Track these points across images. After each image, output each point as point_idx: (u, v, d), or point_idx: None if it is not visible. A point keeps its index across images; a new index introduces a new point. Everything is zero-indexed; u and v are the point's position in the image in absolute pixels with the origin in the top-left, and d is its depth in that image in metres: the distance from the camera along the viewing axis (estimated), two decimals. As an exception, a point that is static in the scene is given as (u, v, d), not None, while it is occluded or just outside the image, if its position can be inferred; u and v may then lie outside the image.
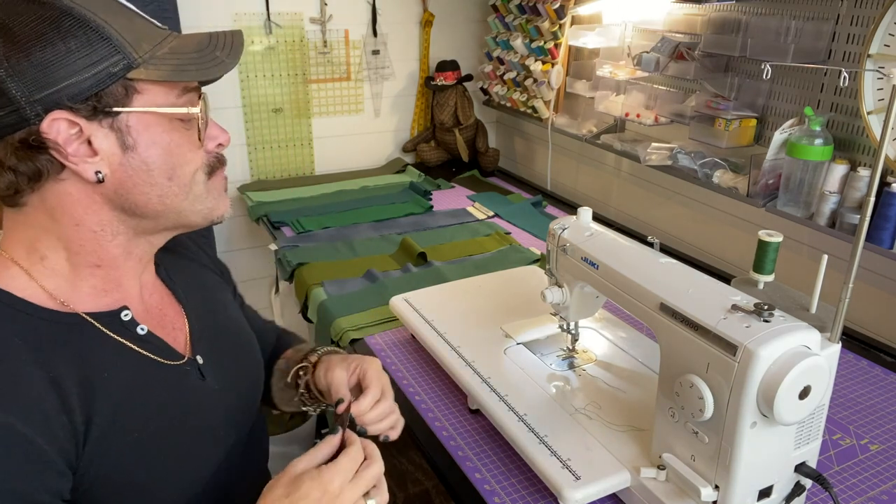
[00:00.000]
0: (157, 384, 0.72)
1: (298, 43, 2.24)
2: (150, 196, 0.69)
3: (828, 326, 0.82)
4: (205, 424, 0.76)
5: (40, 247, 0.68)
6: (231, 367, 0.84)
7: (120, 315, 0.71)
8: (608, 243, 1.02)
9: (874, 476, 0.98)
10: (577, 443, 0.94)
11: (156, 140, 0.67)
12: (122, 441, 0.67)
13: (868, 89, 1.29)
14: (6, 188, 0.64)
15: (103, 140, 0.65)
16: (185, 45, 0.69)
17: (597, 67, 1.91)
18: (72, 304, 0.68)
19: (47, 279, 0.68)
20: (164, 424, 0.71)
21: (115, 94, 0.64)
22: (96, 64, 0.62)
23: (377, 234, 1.85)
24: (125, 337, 0.71)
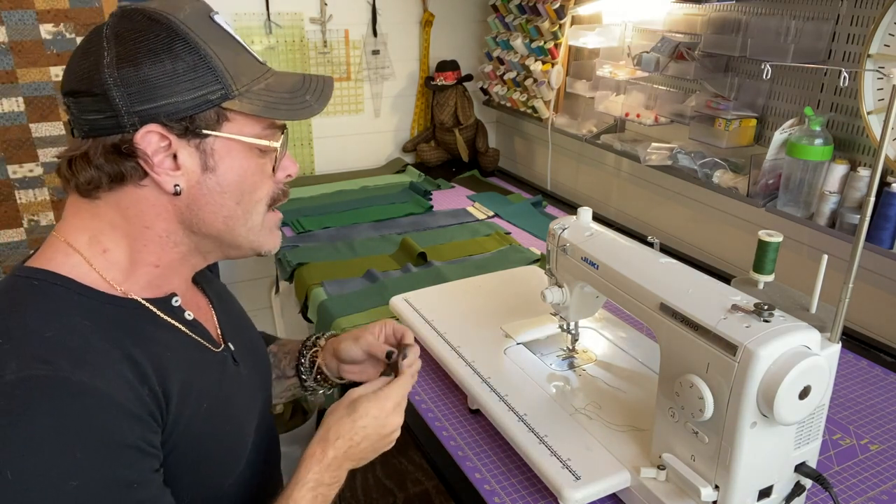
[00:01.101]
0: (207, 365, 0.77)
1: (298, 43, 2.24)
2: (217, 215, 0.73)
3: (828, 326, 0.82)
4: (242, 404, 0.82)
5: (104, 239, 0.71)
6: (251, 355, 0.89)
7: (171, 301, 0.76)
8: (608, 243, 1.02)
9: (874, 476, 0.98)
10: (577, 443, 0.94)
11: (234, 166, 0.72)
12: (192, 416, 0.71)
13: (868, 89, 1.29)
14: (86, 182, 0.68)
15: (188, 158, 0.69)
16: (280, 83, 0.74)
17: (597, 67, 1.91)
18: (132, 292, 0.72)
19: (107, 270, 0.71)
20: (217, 402, 0.76)
21: (208, 119, 0.69)
22: (198, 89, 0.67)
23: (377, 234, 1.85)
24: (178, 321, 0.76)
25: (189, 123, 0.68)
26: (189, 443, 0.70)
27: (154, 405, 0.66)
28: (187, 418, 0.70)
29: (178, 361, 0.72)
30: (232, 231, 0.75)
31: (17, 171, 1.98)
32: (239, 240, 0.77)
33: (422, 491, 2.32)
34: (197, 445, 0.72)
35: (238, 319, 0.92)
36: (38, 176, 2.01)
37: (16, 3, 1.84)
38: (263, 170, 0.75)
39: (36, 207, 2.04)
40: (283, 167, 0.78)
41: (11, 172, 1.98)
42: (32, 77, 1.91)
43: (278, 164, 0.77)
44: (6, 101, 1.91)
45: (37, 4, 1.86)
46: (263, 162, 0.75)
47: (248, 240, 0.77)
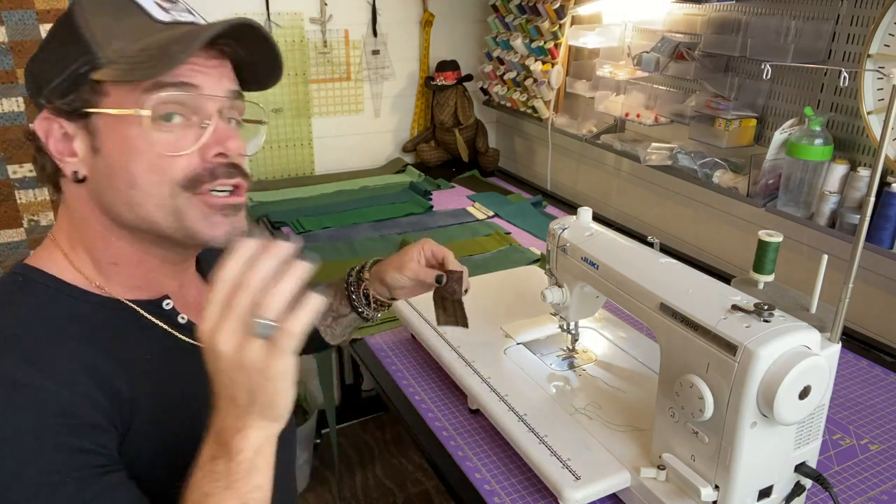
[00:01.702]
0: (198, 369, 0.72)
1: (298, 43, 2.24)
2: (116, 203, 0.67)
3: (828, 326, 0.82)
4: None
5: (73, 236, 0.70)
6: None
7: (161, 304, 0.73)
8: (608, 243, 1.02)
9: (874, 476, 0.98)
10: (577, 443, 0.94)
11: (119, 143, 0.64)
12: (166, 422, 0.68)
13: (868, 89, 1.29)
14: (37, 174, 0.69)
15: (80, 141, 0.66)
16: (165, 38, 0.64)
17: (597, 67, 1.91)
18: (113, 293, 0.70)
19: (84, 266, 0.69)
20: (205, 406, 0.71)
21: (85, 96, 0.64)
22: (70, 65, 0.63)
23: (377, 234, 1.85)
24: (167, 324, 0.72)
25: (69, 103, 0.64)
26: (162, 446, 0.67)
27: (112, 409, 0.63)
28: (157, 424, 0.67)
29: (156, 365, 0.69)
30: (145, 219, 0.67)
31: (17, 171, 1.98)
32: (162, 227, 0.67)
33: (422, 491, 2.32)
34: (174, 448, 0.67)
35: None
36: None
37: (16, 3, 1.84)
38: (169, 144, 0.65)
39: (36, 207, 2.04)
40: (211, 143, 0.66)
41: (11, 172, 1.98)
42: (32, 77, 1.92)
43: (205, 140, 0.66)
44: (6, 101, 1.91)
45: (37, 4, 1.86)
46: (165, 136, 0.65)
47: (175, 227, 0.67)
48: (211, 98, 0.66)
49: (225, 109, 0.69)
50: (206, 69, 0.66)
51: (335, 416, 2.32)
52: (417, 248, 1.00)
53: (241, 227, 0.71)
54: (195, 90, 0.65)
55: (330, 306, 1.06)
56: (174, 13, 0.67)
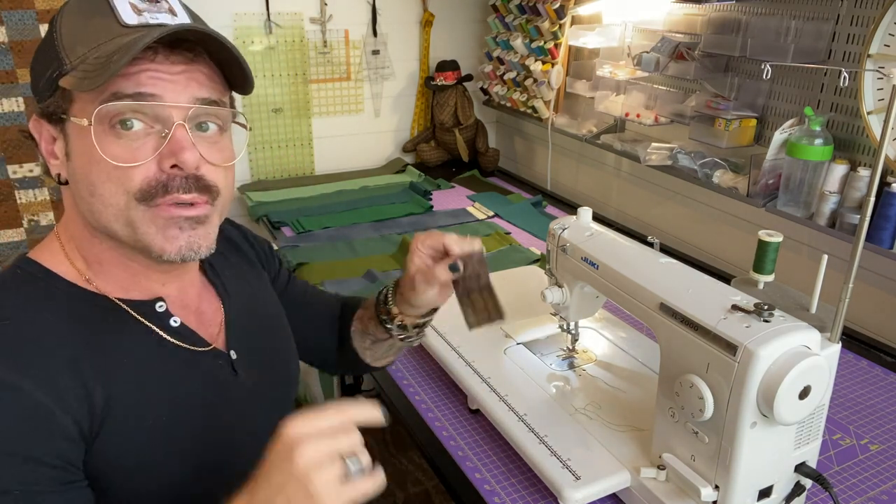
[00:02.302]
0: (185, 375, 0.72)
1: (298, 43, 2.24)
2: (84, 209, 0.66)
3: (828, 326, 0.82)
4: (235, 419, 0.76)
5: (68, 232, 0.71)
6: (267, 366, 0.84)
7: (154, 306, 0.72)
8: (608, 243, 1.02)
9: (874, 476, 0.98)
10: (577, 443, 0.94)
11: (81, 151, 0.64)
12: (145, 423, 0.67)
13: (868, 89, 1.29)
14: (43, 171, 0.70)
15: (59, 145, 0.67)
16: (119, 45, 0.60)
17: (597, 67, 1.91)
18: (104, 290, 0.70)
19: (78, 262, 0.70)
20: (189, 415, 0.71)
21: (58, 102, 0.64)
22: (46, 69, 0.64)
23: (377, 234, 1.85)
24: (157, 326, 0.71)
25: (47, 107, 0.65)
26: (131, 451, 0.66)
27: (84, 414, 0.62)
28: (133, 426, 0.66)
29: (143, 368, 0.68)
30: (106, 228, 0.66)
31: (17, 171, 1.98)
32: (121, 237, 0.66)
33: (422, 491, 2.32)
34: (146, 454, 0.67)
35: (261, 326, 0.86)
36: (38, 176, 2.01)
37: (16, 3, 1.84)
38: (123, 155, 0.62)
39: (36, 207, 2.04)
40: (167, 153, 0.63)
41: (11, 172, 1.98)
42: (32, 77, 1.92)
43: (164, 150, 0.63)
44: (6, 101, 1.91)
45: (37, 4, 1.86)
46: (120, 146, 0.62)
47: (131, 238, 0.66)
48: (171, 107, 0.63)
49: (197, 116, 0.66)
50: (170, 75, 0.63)
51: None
52: (414, 251, 0.89)
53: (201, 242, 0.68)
54: (152, 99, 0.62)
55: (365, 328, 0.98)
56: (147, 15, 0.63)
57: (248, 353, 0.81)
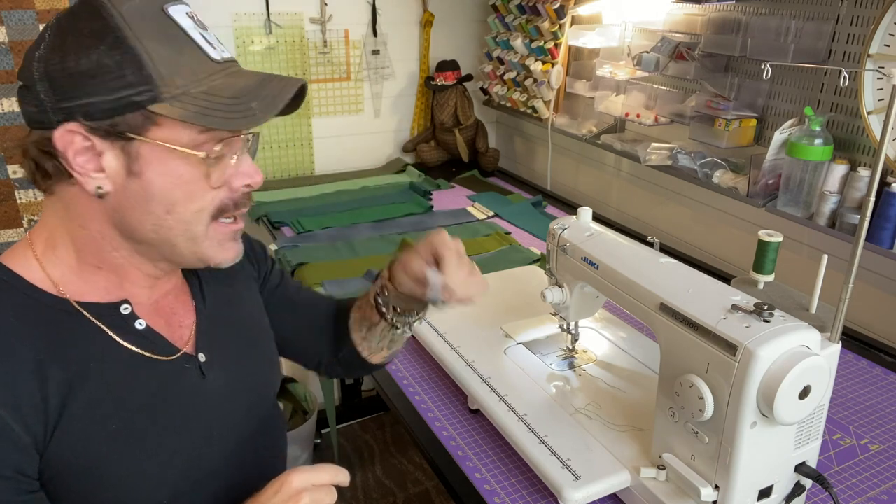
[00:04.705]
0: (146, 379, 0.72)
1: (298, 43, 2.24)
2: (143, 223, 0.68)
3: (828, 326, 0.82)
4: (200, 423, 0.76)
5: (56, 236, 0.70)
6: (238, 366, 0.83)
7: (119, 308, 0.72)
8: (608, 243, 1.02)
9: (874, 476, 0.98)
10: (577, 443, 0.94)
11: (163, 173, 0.66)
12: (99, 431, 0.67)
13: (868, 89, 1.29)
14: (29, 174, 0.67)
15: (112, 160, 0.65)
16: (228, 85, 0.67)
17: (597, 67, 1.91)
18: (74, 294, 0.70)
19: (55, 268, 0.69)
20: (150, 419, 0.71)
21: (132, 122, 0.64)
22: (123, 89, 0.62)
23: (377, 234, 1.85)
24: (119, 329, 0.71)
25: (111, 125, 0.63)
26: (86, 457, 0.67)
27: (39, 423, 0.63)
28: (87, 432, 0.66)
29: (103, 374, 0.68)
30: (166, 240, 0.69)
31: (17, 171, 1.98)
32: (178, 249, 0.70)
33: (422, 491, 2.32)
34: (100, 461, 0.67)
35: (236, 328, 0.86)
36: (38, 176, 2.01)
37: (16, 3, 1.84)
38: (201, 179, 0.68)
39: (36, 207, 2.04)
40: (240, 174, 0.70)
41: (11, 172, 1.98)
42: (32, 77, 1.92)
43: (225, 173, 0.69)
44: (6, 101, 1.91)
45: (37, 4, 1.86)
46: (205, 170, 0.68)
47: (191, 251, 0.71)
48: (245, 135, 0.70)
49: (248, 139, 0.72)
50: None
51: (335, 416, 2.32)
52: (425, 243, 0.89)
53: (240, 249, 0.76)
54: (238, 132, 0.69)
55: (363, 314, 0.98)
56: (219, 49, 0.69)
57: (218, 356, 0.80)
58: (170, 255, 0.72)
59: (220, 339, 0.82)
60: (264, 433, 0.88)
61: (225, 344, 0.82)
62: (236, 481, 0.81)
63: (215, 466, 0.78)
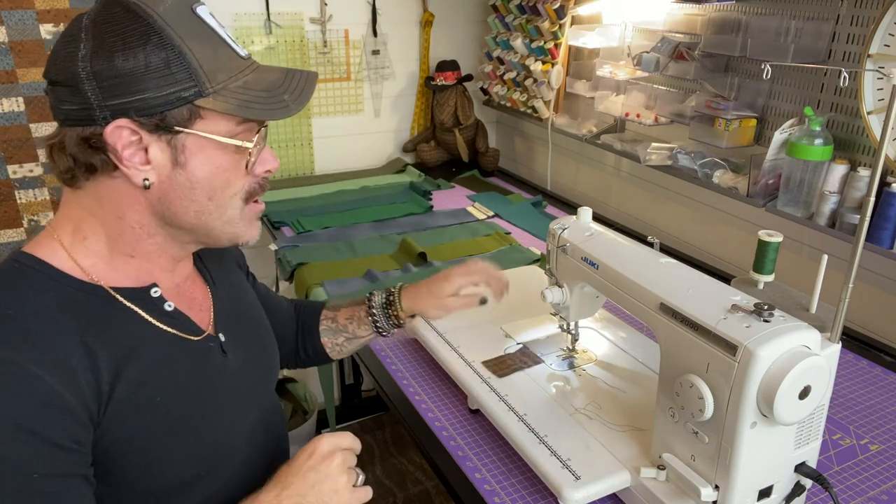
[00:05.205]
0: (180, 357, 0.77)
1: (298, 43, 2.24)
2: (188, 210, 0.73)
3: (828, 326, 0.82)
4: (226, 398, 0.81)
5: (84, 228, 0.73)
6: (251, 347, 0.89)
7: (149, 291, 0.76)
8: (608, 243, 1.02)
9: (874, 476, 0.98)
10: (577, 443, 0.94)
11: (205, 162, 0.72)
12: (145, 407, 0.71)
13: (868, 89, 1.29)
14: (64, 171, 0.70)
15: (158, 153, 0.69)
16: (259, 80, 0.73)
17: (597, 67, 1.91)
18: (105, 280, 0.73)
19: (85, 257, 0.73)
20: (186, 395, 0.76)
21: (179, 116, 0.68)
22: (171, 86, 0.67)
23: (377, 234, 1.85)
24: (152, 312, 0.76)
25: (160, 120, 0.68)
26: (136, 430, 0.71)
27: (93, 397, 0.67)
28: (136, 407, 0.70)
29: (140, 350, 0.72)
30: (206, 224, 0.76)
31: (17, 171, 1.98)
32: (215, 232, 0.77)
33: (422, 491, 2.32)
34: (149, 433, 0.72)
35: (244, 312, 0.92)
36: (38, 176, 2.01)
37: (16, 3, 1.84)
38: (238, 166, 0.75)
39: (36, 207, 2.04)
40: (261, 161, 0.78)
41: (11, 172, 1.98)
42: (32, 77, 1.92)
43: (256, 160, 0.76)
44: (6, 101, 1.91)
45: (37, 4, 1.86)
46: (238, 158, 0.74)
47: (225, 232, 0.78)
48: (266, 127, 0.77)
49: None
50: None
51: (335, 415, 2.32)
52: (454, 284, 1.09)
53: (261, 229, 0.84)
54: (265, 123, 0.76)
55: (346, 328, 1.12)
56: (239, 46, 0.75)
57: (234, 336, 0.86)
58: (205, 238, 0.78)
59: (232, 321, 0.88)
60: (272, 415, 0.94)
61: (237, 327, 0.88)
62: (253, 461, 0.86)
63: (238, 444, 0.83)
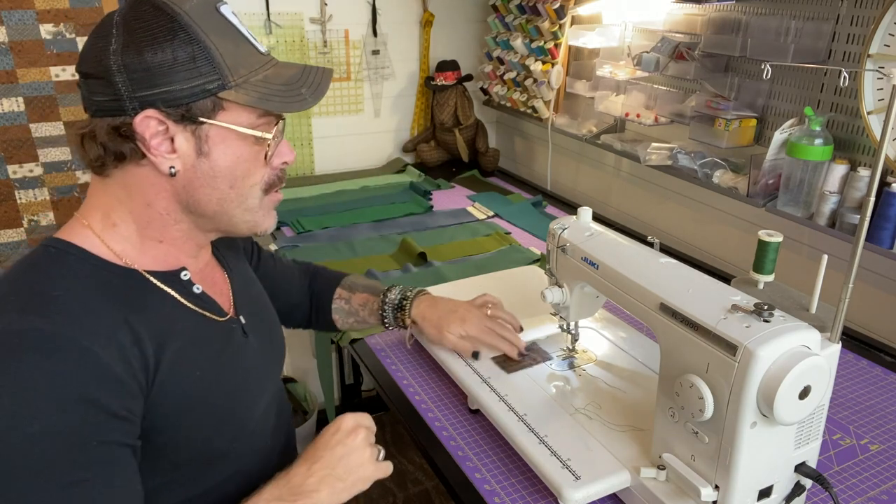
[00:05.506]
0: (210, 337, 0.82)
1: (298, 43, 2.24)
2: (210, 197, 0.77)
3: (828, 326, 0.82)
4: (249, 376, 0.86)
5: (114, 215, 0.77)
6: (265, 331, 0.94)
7: (179, 275, 0.81)
8: (608, 243, 1.02)
9: (874, 476, 0.98)
10: (577, 443, 0.94)
11: (227, 152, 0.75)
12: (186, 381, 0.76)
13: (868, 89, 1.29)
14: (95, 159, 0.74)
15: (184, 142, 0.73)
16: (278, 75, 0.77)
17: (597, 67, 1.91)
18: (137, 264, 0.77)
19: (116, 243, 0.76)
20: (219, 371, 0.81)
21: (204, 107, 0.72)
22: (196, 79, 0.71)
23: (377, 234, 1.85)
24: (183, 294, 0.80)
25: (186, 111, 0.71)
26: (178, 405, 0.75)
27: (141, 371, 0.70)
28: (177, 382, 0.74)
29: (175, 330, 0.76)
30: (227, 212, 0.79)
31: (17, 171, 1.98)
32: (235, 220, 0.81)
33: (422, 491, 2.32)
34: (187, 408, 0.76)
35: (255, 297, 0.97)
36: (38, 176, 2.01)
37: (16, 3, 1.84)
38: (257, 157, 0.78)
39: (36, 207, 2.04)
40: (278, 154, 0.81)
41: (11, 172, 1.98)
42: (32, 77, 1.92)
43: (273, 152, 0.80)
44: (6, 101, 1.91)
45: (37, 4, 1.86)
46: (258, 149, 0.78)
47: (244, 220, 0.81)
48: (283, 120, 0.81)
49: None
50: None
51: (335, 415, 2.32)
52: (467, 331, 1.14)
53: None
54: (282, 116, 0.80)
55: (357, 312, 1.18)
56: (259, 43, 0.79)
57: (251, 319, 0.91)
58: (226, 226, 0.82)
59: (248, 305, 0.92)
60: (282, 399, 0.98)
61: (252, 311, 0.93)
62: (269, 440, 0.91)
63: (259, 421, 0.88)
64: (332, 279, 1.21)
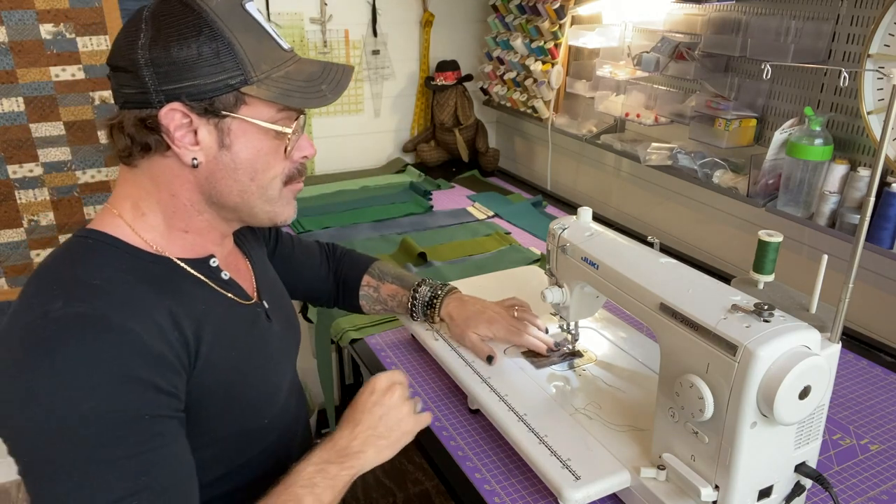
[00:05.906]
0: (239, 320, 0.86)
1: (298, 43, 2.24)
2: (231, 189, 0.80)
3: (828, 326, 0.82)
4: (274, 359, 0.91)
5: (142, 205, 0.80)
6: (283, 315, 0.98)
7: (209, 262, 0.85)
8: (608, 243, 1.02)
9: (874, 476, 0.98)
10: (577, 443, 0.94)
11: (248, 145, 0.78)
12: (224, 361, 0.80)
13: (868, 89, 1.29)
14: (122, 149, 0.77)
15: (207, 135, 0.76)
16: (299, 71, 0.79)
17: (597, 67, 1.91)
18: (168, 252, 0.80)
19: (146, 232, 0.79)
20: (250, 352, 0.85)
21: (226, 101, 0.75)
22: (219, 74, 0.73)
23: (377, 234, 1.85)
24: (213, 280, 0.84)
25: (209, 104, 0.74)
26: (219, 383, 0.79)
27: (183, 350, 0.74)
28: (216, 362, 0.78)
29: (210, 314, 0.80)
30: (248, 204, 0.82)
31: (17, 171, 1.98)
32: (255, 211, 0.83)
33: (422, 491, 2.32)
34: (227, 386, 0.80)
35: (274, 284, 1.01)
36: (38, 176, 2.01)
37: (16, 3, 1.84)
38: (277, 150, 0.80)
39: (36, 207, 2.04)
40: (299, 147, 0.83)
41: (11, 172, 1.98)
42: (32, 77, 1.92)
43: (294, 146, 0.82)
44: (6, 101, 1.91)
45: (37, 4, 1.86)
46: (278, 143, 0.80)
47: (265, 211, 0.84)
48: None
49: None
50: None
51: (335, 416, 2.32)
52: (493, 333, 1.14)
53: None
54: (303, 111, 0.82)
55: (385, 302, 1.21)
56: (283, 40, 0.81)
57: (273, 304, 0.95)
58: (247, 217, 0.84)
59: (269, 292, 0.96)
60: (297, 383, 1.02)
61: (272, 297, 0.96)
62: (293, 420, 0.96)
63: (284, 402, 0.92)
64: (360, 264, 1.24)
